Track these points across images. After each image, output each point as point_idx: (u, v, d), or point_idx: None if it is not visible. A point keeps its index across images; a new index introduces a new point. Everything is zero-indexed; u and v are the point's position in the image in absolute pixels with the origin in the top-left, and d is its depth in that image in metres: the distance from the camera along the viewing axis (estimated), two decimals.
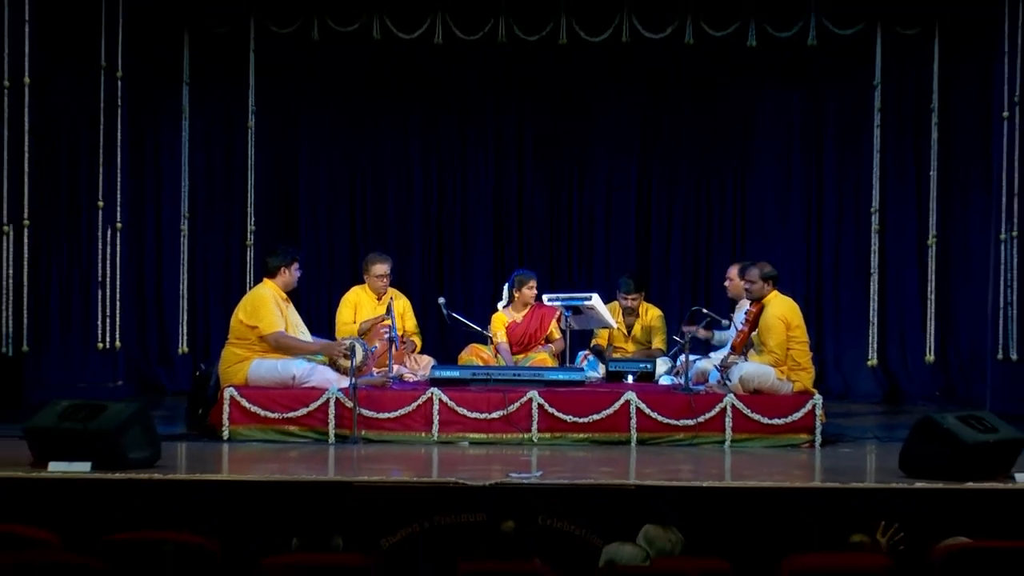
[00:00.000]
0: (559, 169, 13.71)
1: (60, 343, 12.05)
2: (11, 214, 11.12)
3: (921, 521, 7.27)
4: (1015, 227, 11.68)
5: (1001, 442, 8.35)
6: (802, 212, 13.50)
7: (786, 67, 13.15)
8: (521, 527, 6.99)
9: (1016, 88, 11.71)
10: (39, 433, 8.38)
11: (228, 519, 7.37)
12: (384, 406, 9.60)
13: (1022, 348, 11.53)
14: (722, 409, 9.53)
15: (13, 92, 11.09)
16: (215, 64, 13.18)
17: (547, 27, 12.48)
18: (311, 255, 12.76)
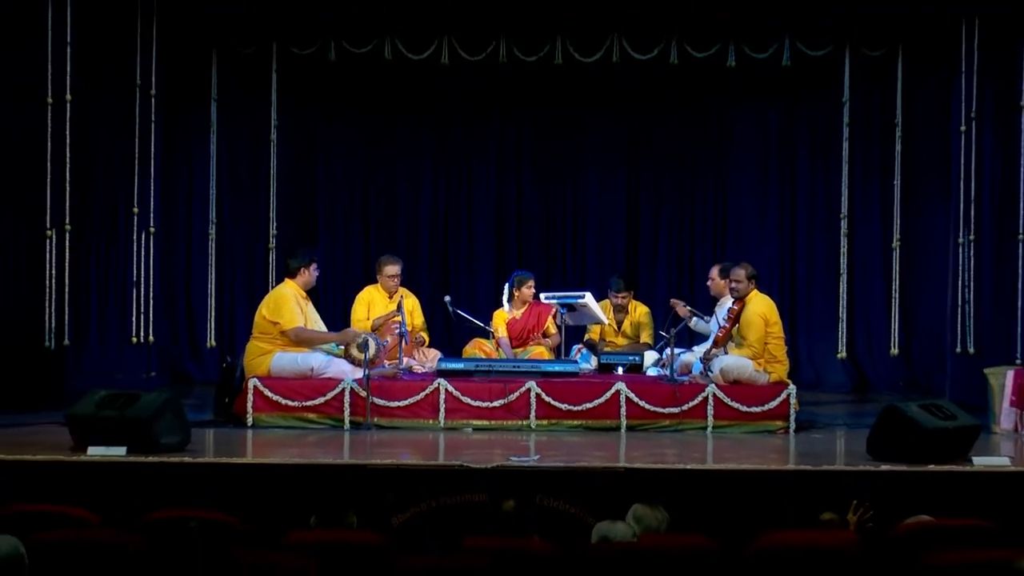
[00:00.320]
0: (555, 179, 13.71)
1: (98, 337, 12.06)
2: (53, 219, 11.10)
3: (887, 501, 7.27)
4: (972, 232, 11.68)
5: (959, 428, 8.36)
6: (777, 217, 13.51)
7: (763, 85, 13.14)
8: (520, 506, 6.99)
9: (973, 104, 11.72)
10: (79, 420, 8.40)
11: (252, 499, 7.37)
12: (395, 395, 9.60)
13: (979, 343, 11.53)
14: (704, 398, 9.53)
15: (56, 108, 11.08)
16: (240, 82, 13.18)
17: (544, 49, 12.51)
18: (328, 257, 12.76)
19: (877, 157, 13.07)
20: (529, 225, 13.68)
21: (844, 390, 12.84)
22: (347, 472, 7.94)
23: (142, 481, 7.69)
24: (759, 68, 12.68)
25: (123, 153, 12.16)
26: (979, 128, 11.71)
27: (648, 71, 12.79)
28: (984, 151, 11.67)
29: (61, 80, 11.10)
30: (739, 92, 13.27)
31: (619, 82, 13.12)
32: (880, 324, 13.06)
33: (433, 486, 7.63)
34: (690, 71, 12.74)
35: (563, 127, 13.61)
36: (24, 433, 9.08)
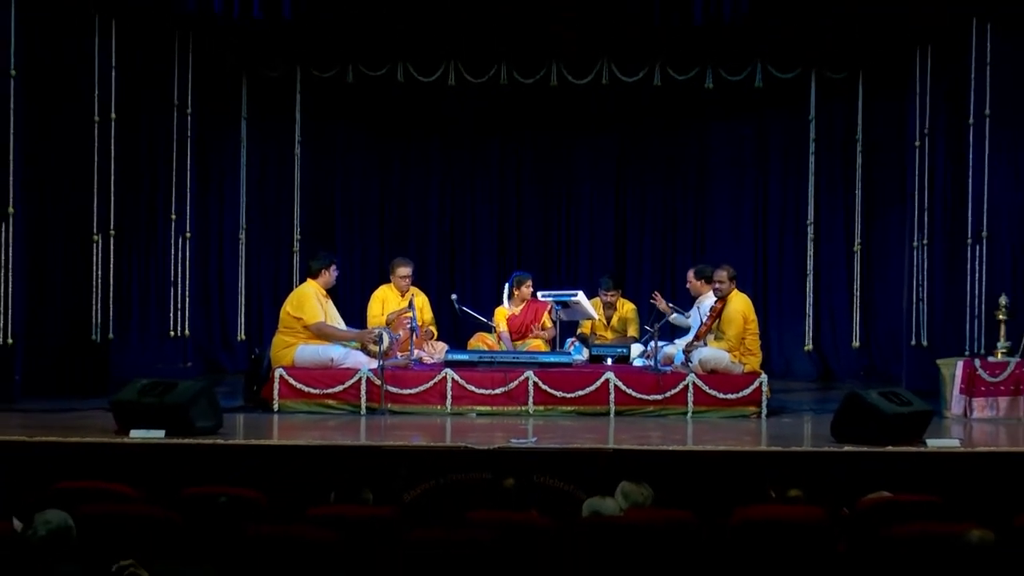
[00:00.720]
0: (550, 189, 13.68)
1: (139, 332, 12.05)
2: (99, 225, 11.11)
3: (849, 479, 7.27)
4: (925, 236, 11.71)
5: (914, 413, 8.36)
6: (750, 224, 13.48)
7: (737, 105, 13.11)
8: (520, 484, 6.98)
9: (926, 122, 11.74)
10: (122, 406, 8.39)
11: (278, 477, 7.36)
12: (406, 383, 9.59)
13: (931, 336, 11.53)
14: (685, 386, 9.52)
15: (102, 126, 11.09)
16: (268, 103, 13.18)
17: (541, 72, 12.55)
18: (346, 260, 12.72)
19: (840, 169, 13.06)
20: (527, 231, 13.66)
21: (810, 379, 12.82)
22: (363, 453, 7.93)
23: (179, 461, 7.70)
24: (734, 89, 12.70)
25: (162, 166, 12.17)
26: (931, 143, 11.72)
27: (634, 92, 12.81)
28: (936, 164, 11.68)
29: (107, 101, 11.12)
30: (716, 111, 13.25)
31: (608, 102, 13.11)
32: (843, 319, 13.05)
33: (441, 465, 7.63)
34: (672, 92, 12.77)
35: (558, 143, 13.59)
36: (73, 418, 9.08)
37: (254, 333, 12.92)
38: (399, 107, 13.18)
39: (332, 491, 6.33)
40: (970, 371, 9.71)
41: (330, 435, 8.66)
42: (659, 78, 12.54)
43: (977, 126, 10.96)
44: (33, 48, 10.32)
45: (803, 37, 12.06)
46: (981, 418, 9.56)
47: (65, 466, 7.28)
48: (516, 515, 5.94)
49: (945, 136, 11.58)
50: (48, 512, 4.84)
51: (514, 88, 12.69)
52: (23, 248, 10.30)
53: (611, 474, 6.81)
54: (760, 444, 8.52)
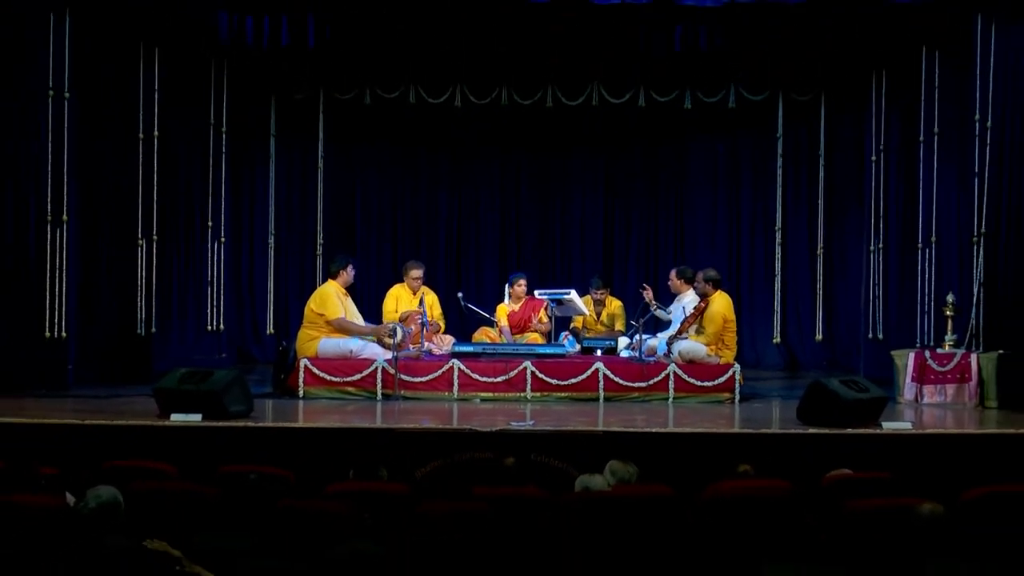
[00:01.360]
0: (546, 198, 13.67)
1: (179, 326, 12.04)
2: (143, 231, 11.12)
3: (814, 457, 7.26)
4: (880, 241, 11.71)
5: (871, 399, 8.36)
6: (724, 229, 13.48)
7: (713, 123, 13.10)
8: (519, 462, 6.97)
9: (881, 139, 11.75)
10: (163, 393, 8.39)
11: (303, 456, 7.35)
12: (417, 372, 9.58)
13: (886, 330, 11.53)
14: (667, 375, 9.50)
15: (146, 143, 11.10)
16: (294, 122, 13.15)
17: (537, 94, 12.55)
18: (363, 261, 12.72)
19: (804, 181, 13.05)
20: (525, 235, 13.65)
21: (779, 368, 12.81)
22: (379, 434, 7.93)
23: (214, 442, 7.70)
24: (710, 110, 12.69)
25: (199, 178, 12.16)
26: (886, 158, 11.73)
27: (621, 112, 12.80)
28: (890, 176, 11.69)
29: (150, 120, 11.13)
30: (694, 129, 13.25)
31: (597, 121, 13.09)
32: (807, 315, 13.04)
33: (448, 446, 7.63)
34: (654, 113, 12.76)
35: (553, 157, 13.58)
36: (119, 403, 9.07)
37: (281, 327, 12.90)
38: (411, 125, 13.17)
39: (351, 469, 6.33)
40: (921, 361, 9.72)
41: (349, 419, 8.65)
42: (643, 100, 12.54)
43: (927, 143, 10.98)
44: (85, 72, 10.32)
45: (771, 63, 12.10)
46: (930, 403, 9.56)
47: (113, 446, 7.30)
48: (515, 490, 5.94)
49: (898, 152, 11.60)
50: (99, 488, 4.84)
51: (513, 108, 12.68)
52: (76, 251, 10.31)
53: (600, 453, 6.82)
54: (733, 427, 8.50)
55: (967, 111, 10.23)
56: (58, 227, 10.01)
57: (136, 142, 11.08)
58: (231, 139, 12.49)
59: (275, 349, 11.15)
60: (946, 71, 10.77)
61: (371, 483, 5.99)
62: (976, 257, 10.06)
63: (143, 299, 11.16)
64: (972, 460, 7.52)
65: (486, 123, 13.10)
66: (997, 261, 9.80)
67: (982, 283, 9.93)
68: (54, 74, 9.92)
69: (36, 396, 9.34)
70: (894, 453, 7.59)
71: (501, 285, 11.72)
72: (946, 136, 10.76)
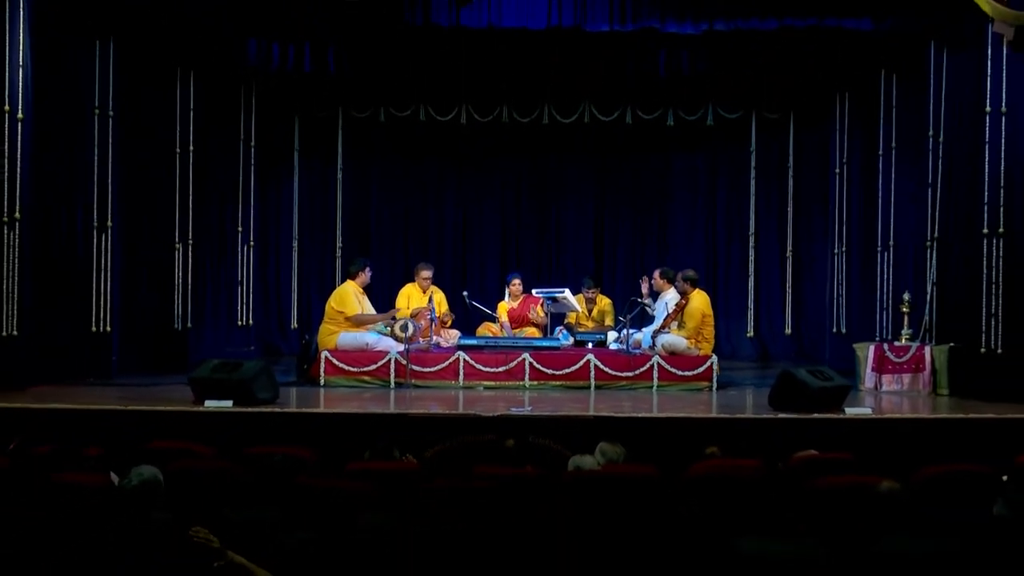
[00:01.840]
0: (542, 206, 13.68)
1: (212, 321, 12.06)
2: (180, 235, 11.14)
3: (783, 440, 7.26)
4: (844, 245, 11.73)
5: (835, 387, 8.37)
6: (703, 234, 13.49)
7: (693, 139, 13.13)
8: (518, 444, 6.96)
9: (844, 154, 11.79)
10: (198, 381, 8.39)
11: (324, 438, 7.34)
12: (427, 363, 9.59)
13: (849, 325, 11.56)
14: (651, 365, 9.52)
15: (182, 156, 11.12)
16: (315, 138, 13.19)
17: (535, 112, 12.59)
18: (378, 263, 12.70)
19: (775, 191, 13.08)
20: (524, 240, 13.66)
21: (752, 359, 12.82)
22: (392, 419, 7.93)
23: (243, 425, 7.69)
24: (690, 127, 12.74)
25: (230, 188, 12.20)
26: (849, 171, 11.75)
27: (610, 129, 12.83)
28: (852, 187, 11.71)
29: (186, 136, 11.16)
30: (676, 144, 13.26)
31: (589, 137, 13.11)
32: (778, 311, 13.06)
33: (454, 429, 7.62)
34: (640, 129, 12.81)
35: (549, 169, 13.59)
36: (159, 391, 9.08)
37: (304, 322, 12.93)
38: (421, 141, 13.19)
39: (367, 450, 6.32)
40: (880, 353, 9.72)
41: (365, 405, 8.65)
42: (630, 118, 12.58)
43: (885, 157, 10.99)
44: (127, 93, 10.34)
45: (745, 85, 12.13)
46: (888, 391, 9.57)
47: (153, 429, 7.29)
48: (515, 469, 5.94)
49: (859, 165, 11.61)
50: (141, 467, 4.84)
51: (513, 125, 12.72)
52: (120, 254, 10.33)
53: (591, 436, 6.80)
54: (711, 412, 8.50)
55: (921, 128, 10.24)
56: (103, 232, 10.03)
57: (173, 156, 11.10)
58: (259, 153, 12.52)
59: (298, 342, 11.17)
60: (902, 92, 10.80)
61: (385, 462, 5.99)
62: (929, 259, 10.08)
63: (180, 297, 11.18)
64: (926, 442, 7.53)
65: (489, 138, 13.12)
66: (948, 263, 9.80)
67: (935, 283, 9.95)
68: (100, 95, 9.95)
69: (84, 384, 9.35)
70: (855, 436, 7.58)
71: (502, 284, 11.73)
72: (902, 150, 10.77)
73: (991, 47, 9.06)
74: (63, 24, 9.51)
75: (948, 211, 9.80)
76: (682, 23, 9.83)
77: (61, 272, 9.76)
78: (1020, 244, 8.99)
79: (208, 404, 8.01)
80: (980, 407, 8.45)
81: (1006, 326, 9.04)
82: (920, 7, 9.21)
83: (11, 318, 8.92)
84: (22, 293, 8.99)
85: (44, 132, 9.33)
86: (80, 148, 9.86)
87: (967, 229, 9.50)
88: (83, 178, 9.87)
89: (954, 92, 9.74)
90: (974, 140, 9.33)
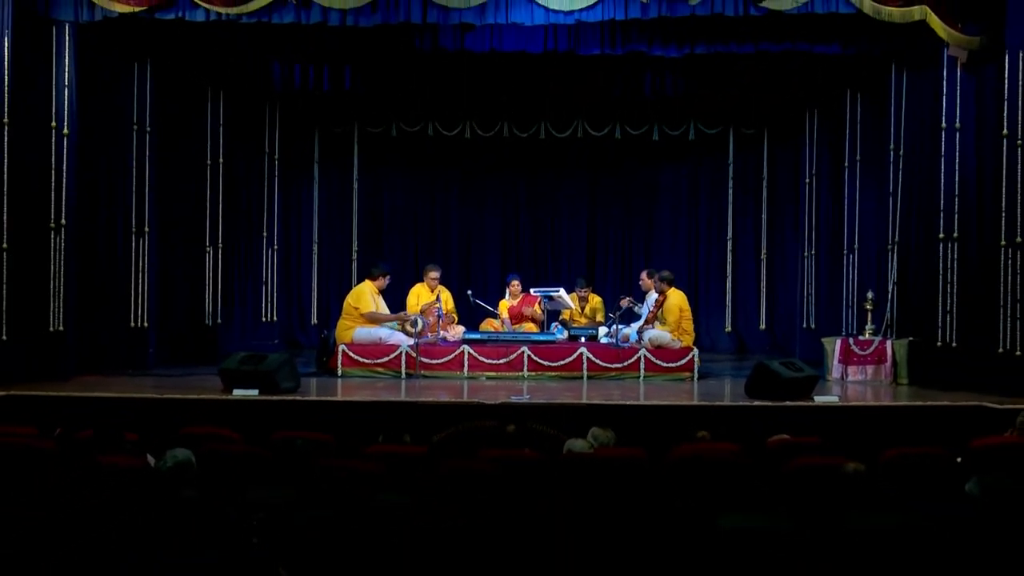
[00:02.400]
0: (539, 213, 13.60)
1: (240, 318, 12.05)
2: (210, 239, 11.14)
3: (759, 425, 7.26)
4: (813, 248, 11.73)
5: (805, 377, 8.37)
6: (685, 238, 13.43)
7: (676, 152, 13.08)
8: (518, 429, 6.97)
9: (813, 166, 11.78)
10: (227, 372, 8.40)
11: (342, 424, 7.34)
12: (435, 356, 9.58)
13: (817, 321, 11.55)
14: (638, 358, 9.50)
15: (212, 168, 11.12)
16: (333, 151, 13.16)
17: (533, 128, 12.59)
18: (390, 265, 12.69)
19: (751, 199, 13.03)
20: (523, 244, 13.59)
21: (730, 352, 12.78)
22: (403, 407, 7.93)
23: (268, 412, 7.69)
24: (674, 141, 12.71)
25: (256, 196, 12.19)
26: (818, 181, 11.75)
27: (601, 143, 12.80)
28: (821, 196, 11.70)
29: (216, 149, 11.16)
30: (661, 157, 13.20)
31: (582, 150, 13.07)
32: (753, 308, 13.02)
33: (459, 415, 7.62)
34: (629, 143, 12.78)
35: (545, 179, 13.52)
36: (191, 381, 9.09)
37: (323, 318, 12.89)
38: (429, 154, 13.15)
39: (380, 434, 6.32)
40: (846, 346, 9.72)
41: (379, 394, 8.65)
42: (619, 133, 12.57)
43: (850, 168, 11.00)
44: (163, 111, 10.35)
45: (724, 104, 12.14)
46: (854, 380, 9.56)
47: (186, 416, 7.30)
48: (515, 452, 5.94)
49: (827, 176, 11.60)
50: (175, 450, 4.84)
51: (513, 140, 12.70)
52: (155, 257, 10.32)
53: (584, 422, 6.81)
54: (693, 400, 8.50)
55: (883, 142, 10.25)
56: (141, 237, 10.04)
57: (204, 168, 11.09)
58: (282, 165, 12.50)
59: (318, 336, 11.14)
60: (866, 110, 10.81)
61: (397, 446, 5.99)
62: (890, 262, 10.09)
63: (210, 295, 11.18)
64: (888, 427, 7.54)
65: (491, 152, 13.09)
66: (907, 265, 9.81)
67: (895, 283, 9.95)
68: (138, 112, 9.97)
69: (123, 375, 9.36)
70: (824, 421, 7.58)
71: (503, 284, 11.71)
72: (866, 163, 10.78)
73: (946, 69, 9.10)
74: (105, 49, 9.55)
75: (907, 218, 9.80)
76: (666, 47, 9.82)
77: (103, 273, 9.79)
78: (972, 248, 9.01)
79: (236, 393, 8.01)
80: (937, 395, 8.47)
81: (960, 322, 9.07)
82: (882, 33, 9.21)
83: (57, 315, 8.97)
84: (67, 292, 9.05)
85: (88, 146, 9.40)
86: (120, 160, 9.89)
87: (925, 234, 9.52)
88: (123, 188, 9.90)
89: (913, 110, 9.75)
90: (931, 153, 9.36)
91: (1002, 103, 8.62)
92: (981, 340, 8.78)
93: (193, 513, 4.22)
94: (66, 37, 8.92)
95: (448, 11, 8.83)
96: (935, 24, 8.69)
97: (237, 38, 9.99)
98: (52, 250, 8.92)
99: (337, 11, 8.76)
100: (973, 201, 9.00)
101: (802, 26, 9.35)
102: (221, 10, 8.68)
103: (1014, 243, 8.57)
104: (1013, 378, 8.42)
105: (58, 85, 8.92)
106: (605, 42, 9.85)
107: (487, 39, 10.00)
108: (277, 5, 8.69)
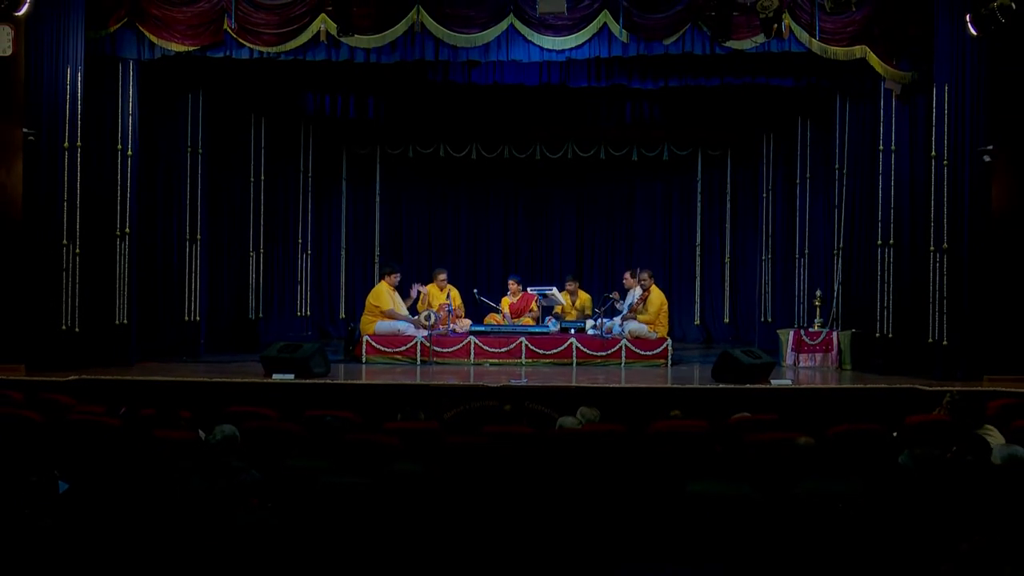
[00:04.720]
0: (536, 222, 13.53)
1: (278, 312, 12.06)
2: (253, 246, 11.13)
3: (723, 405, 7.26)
4: (769, 252, 11.72)
5: (763, 364, 8.37)
6: (660, 244, 13.37)
7: (652, 171, 13.04)
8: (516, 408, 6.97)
9: (770, 181, 11.77)
10: (267, 359, 8.40)
11: (366, 403, 7.34)
12: (445, 345, 9.58)
13: (774, 315, 11.55)
14: (620, 347, 9.50)
15: (255, 184, 11.11)
16: (359, 170, 13.12)
17: (530, 149, 12.56)
18: (407, 267, 12.60)
19: (717, 211, 12.98)
20: (521, 248, 13.52)
21: (699, 342, 12.75)
22: (418, 389, 7.93)
23: (302, 394, 7.70)
24: (650, 161, 12.69)
25: (292, 209, 12.18)
26: (774, 195, 11.74)
27: (588, 163, 12.77)
28: (776, 208, 11.70)
29: (258, 168, 11.16)
30: (639, 175, 13.15)
31: (572, 168, 13.04)
32: (718, 304, 12.99)
33: (467, 396, 7.63)
34: (611, 163, 12.73)
35: (540, 193, 13.46)
36: (236, 367, 9.09)
37: (350, 313, 12.86)
38: (441, 172, 13.12)
39: (399, 412, 6.33)
40: (798, 337, 9.72)
41: (398, 378, 8.67)
42: (603, 154, 12.54)
43: (801, 184, 11.01)
44: (212, 134, 10.35)
45: (693, 129, 12.13)
46: (805, 367, 9.57)
47: (232, 397, 7.31)
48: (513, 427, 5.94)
49: (782, 191, 11.61)
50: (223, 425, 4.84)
51: (513, 160, 12.68)
52: (206, 260, 10.32)
53: (574, 401, 6.82)
54: (667, 383, 8.50)
55: (829, 162, 10.28)
56: (194, 243, 10.05)
57: (248, 183, 11.08)
58: (314, 182, 12.48)
59: (345, 329, 11.14)
60: (815, 134, 10.83)
61: (413, 422, 5.98)
62: (836, 264, 10.10)
63: (253, 293, 11.16)
64: (834, 406, 7.53)
65: (493, 170, 13.07)
66: (851, 267, 9.82)
67: (840, 282, 9.96)
68: (191, 136, 9.98)
69: (178, 362, 9.36)
70: (779, 401, 7.58)
71: (504, 283, 11.70)
72: (815, 179, 10.80)
73: (883, 100, 9.15)
74: (163, 82, 9.58)
75: (850, 227, 9.81)
76: (644, 81, 9.93)
77: (161, 274, 9.83)
78: (906, 253, 9.05)
79: (275, 377, 8.02)
80: (876, 379, 8.49)
81: (895, 316, 9.10)
82: (829, 68, 9.26)
83: (122, 310, 9.00)
84: (131, 291, 9.08)
85: (148, 165, 9.46)
86: (176, 177, 9.92)
87: (865, 241, 9.54)
88: (178, 201, 9.93)
89: (855, 134, 9.78)
90: (870, 172, 9.39)
91: (931, 129, 8.68)
92: (913, 332, 8.83)
93: (237, 479, 4.22)
94: (130, 72, 9.01)
95: (457, 50, 8.96)
96: (874, 61, 8.79)
97: (276, 72, 10.03)
98: (118, 255, 8.98)
99: (362, 50, 8.90)
100: (906, 213, 9.04)
101: (760, 63, 9.44)
102: (263, 49, 8.81)
103: (941, 249, 8.62)
104: (940, 364, 8.48)
105: (123, 113, 8.97)
106: (592, 76, 9.89)
107: (491, 73, 10.05)
108: (311, 44, 8.80)
